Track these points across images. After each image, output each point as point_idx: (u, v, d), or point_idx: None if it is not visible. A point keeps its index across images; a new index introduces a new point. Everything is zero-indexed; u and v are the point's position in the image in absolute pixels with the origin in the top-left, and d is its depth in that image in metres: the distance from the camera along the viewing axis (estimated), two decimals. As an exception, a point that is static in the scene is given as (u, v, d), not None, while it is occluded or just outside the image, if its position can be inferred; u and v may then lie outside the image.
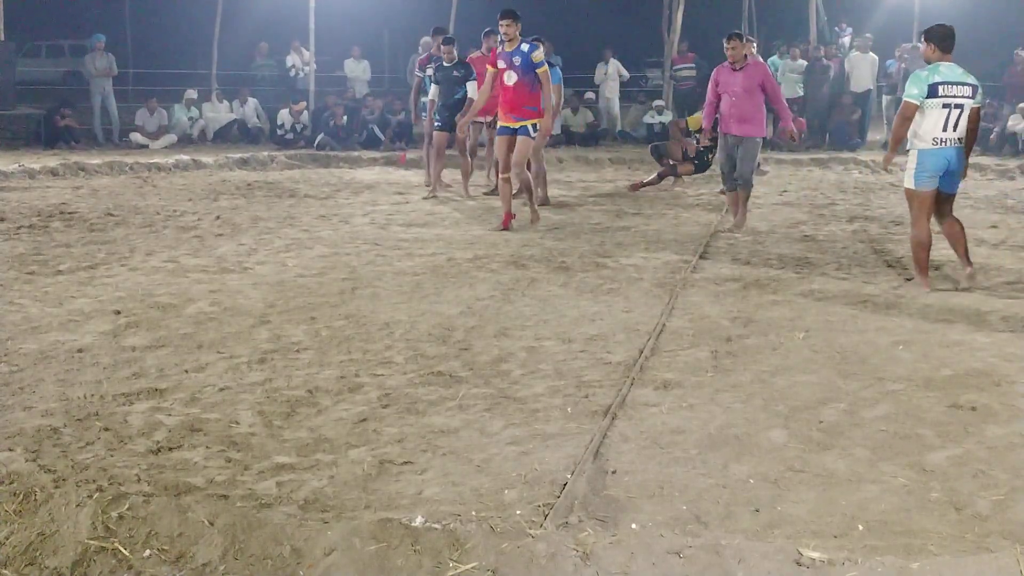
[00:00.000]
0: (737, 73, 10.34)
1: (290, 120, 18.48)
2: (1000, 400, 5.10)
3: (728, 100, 10.36)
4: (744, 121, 10.34)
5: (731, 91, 10.33)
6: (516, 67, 10.09)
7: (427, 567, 3.42)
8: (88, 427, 4.77)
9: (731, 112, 10.37)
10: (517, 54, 10.10)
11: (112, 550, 3.56)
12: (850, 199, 13.14)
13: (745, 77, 10.31)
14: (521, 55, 10.09)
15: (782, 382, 5.42)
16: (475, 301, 7.27)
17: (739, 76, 10.32)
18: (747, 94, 10.29)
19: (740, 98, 10.28)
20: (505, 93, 10.26)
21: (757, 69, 10.45)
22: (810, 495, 4.01)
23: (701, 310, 7.04)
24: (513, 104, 10.23)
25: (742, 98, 10.29)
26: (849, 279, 8.05)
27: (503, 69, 10.19)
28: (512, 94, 10.20)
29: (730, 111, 10.37)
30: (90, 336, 6.32)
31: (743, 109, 10.31)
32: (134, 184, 14.24)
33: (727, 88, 10.36)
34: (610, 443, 4.56)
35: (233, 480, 4.17)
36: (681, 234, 10.27)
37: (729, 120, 10.42)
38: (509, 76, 10.14)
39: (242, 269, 8.38)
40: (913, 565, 3.29)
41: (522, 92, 10.16)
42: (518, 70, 10.09)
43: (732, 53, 10.31)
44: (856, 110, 18.62)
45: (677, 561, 3.37)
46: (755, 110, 10.38)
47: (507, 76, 10.16)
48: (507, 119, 10.33)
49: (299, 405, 5.11)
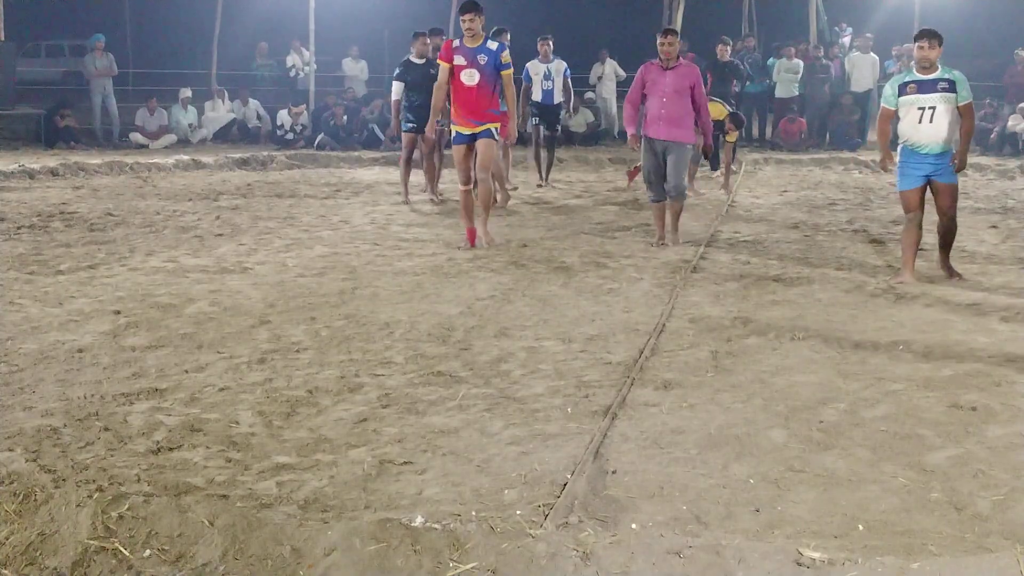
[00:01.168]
0: (668, 72, 9.41)
1: (290, 120, 18.48)
2: (1000, 400, 5.10)
3: (656, 101, 9.45)
4: (673, 125, 9.43)
5: (660, 92, 9.42)
6: (480, 66, 9.08)
7: (427, 567, 3.42)
8: (88, 427, 4.77)
9: (659, 114, 9.44)
10: (483, 52, 9.11)
11: (112, 550, 3.56)
12: (850, 199, 13.14)
13: (676, 77, 9.40)
14: (488, 54, 9.12)
15: (782, 382, 5.42)
16: (475, 301, 7.27)
17: (669, 76, 9.39)
18: (677, 96, 9.40)
19: (670, 99, 9.39)
20: (464, 94, 9.17)
21: (690, 71, 9.54)
22: (810, 495, 4.01)
23: (701, 310, 7.04)
24: (474, 107, 9.16)
25: (672, 100, 9.40)
26: (849, 279, 8.05)
27: (461, 67, 9.11)
28: (473, 96, 9.14)
29: (658, 113, 9.45)
30: (90, 336, 6.32)
31: (673, 112, 9.42)
32: (134, 184, 14.23)
33: (655, 88, 9.45)
34: (610, 443, 4.56)
35: (233, 480, 4.17)
36: (681, 233, 10.26)
37: (656, 123, 9.46)
38: (470, 75, 9.09)
39: (242, 269, 8.38)
40: (913, 565, 3.29)
41: (484, 94, 9.15)
42: (483, 70, 9.09)
43: (667, 50, 9.37)
44: (856, 110, 18.62)
45: (677, 561, 3.37)
46: (685, 114, 9.48)
47: (467, 75, 9.10)
48: (465, 123, 9.22)
49: (299, 405, 5.11)
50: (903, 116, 7.79)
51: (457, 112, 9.27)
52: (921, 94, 7.68)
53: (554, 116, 14.20)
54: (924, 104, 7.66)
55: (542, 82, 13.93)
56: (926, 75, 7.70)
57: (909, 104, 7.71)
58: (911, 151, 7.78)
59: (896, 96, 7.78)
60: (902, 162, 7.85)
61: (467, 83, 9.10)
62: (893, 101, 7.81)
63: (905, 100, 7.73)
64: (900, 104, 7.76)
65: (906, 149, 7.82)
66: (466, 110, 9.19)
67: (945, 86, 7.65)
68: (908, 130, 7.77)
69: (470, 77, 9.08)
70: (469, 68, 9.09)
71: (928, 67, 7.70)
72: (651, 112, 9.49)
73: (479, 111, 9.15)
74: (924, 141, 7.71)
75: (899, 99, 7.75)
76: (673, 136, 9.42)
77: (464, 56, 9.09)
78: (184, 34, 28.14)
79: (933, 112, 7.64)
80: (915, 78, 7.74)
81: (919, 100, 7.68)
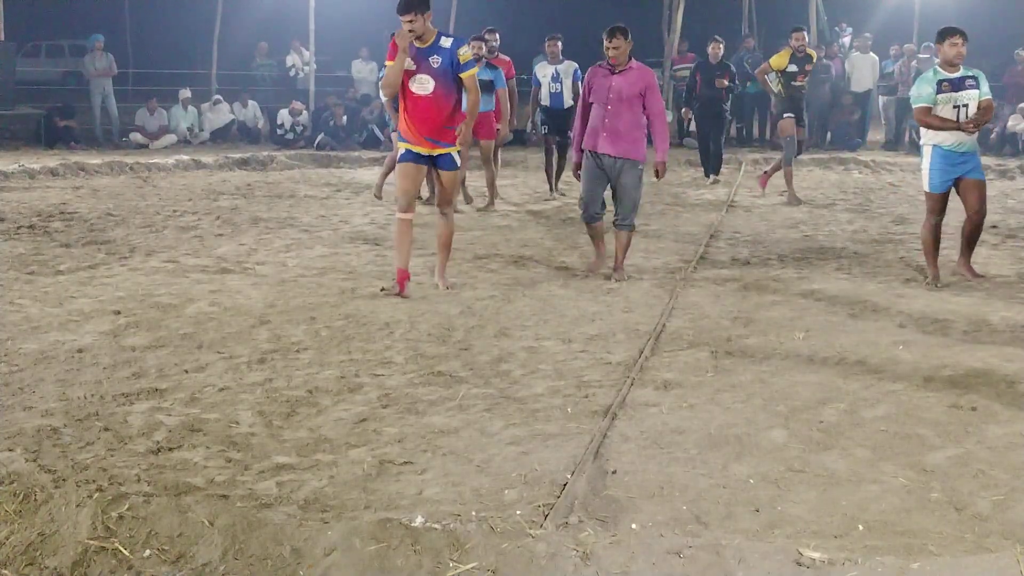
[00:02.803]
0: (615, 77, 7.95)
1: (290, 120, 18.48)
2: (1000, 400, 5.10)
3: (600, 110, 7.98)
4: (619, 138, 7.94)
5: (605, 99, 7.96)
6: (434, 70, 7.19)
7: (427, 567, 3.42)
8: (88, 427, 4.77)
9: (603, 125, 7.95)
10: (435, 52, 7.19)
11: (112, 550, 3.56)
12: (850, 199, 13.13)
13: (625, 83, 7.93)
14: (442, 53, 7.20)
15: (782, 382, 5.42)
16: (475, 301, 7.27)
17: (618, 81, 7.93)
18: (626, 104, 7.92)
19: (616, 108, 7.92)
20: (416, 107, 7.24)
21: (642, 75, 7.99)
22: (810, 495, 4.01)
23: (701, 310, 7.04)
24: (431, 123, 7.26)
25: (619, 108, 7.93)
26: (849, 279, 8.05)
27: (410, 73, 7.20)
28: (428, 108, 7.23)
29: (601, 124, 7.96)
30: (90, 336, 6.32)
31: (619, 123, 7.94)
32: (134, 184, 14.23)
33: (601, 95, 7.99)
34: (610, 443, 4.56)
35: (233, 480, 4.17)
36: (681, 234, 10.27)
37: (598, 136, 7.98)
38: (422, 83, 7.19)
39: (242, 269, 8.38)
40: (913, 565, 3.29)
41: (443, 105, 7.25)
42: (438, 75, 7.20)
43: (615, 53, 7.91)
44: (856, 110, 18.61)
45: (677, 561, 3.37)
46: (634, 125, 7.97)
47: (418, 83, 7.20)
48: (419, 142, 7.31)
49: (299, 405, 5.11)
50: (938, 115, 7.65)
51: (409, 128, 7.33)
52: (955, 92, 7.60)
53: (563, 121, 12.67)
54: (959, 102, 7.59)
55: (550, 84, 12.88)
56: (954, 73, 7.64)
57: (945, 103, 7.59)
58: (945, 151, 7.66)
59: (935, 94, 7.60)
60: (933, 163, 7.72)
61: (418, 92, 7.20)
62: (932, 99, 7.60)
63: (942, 98, 7.59)
64: (937, 103, 7.60)
65: (938, 150, 7.68)
66: (421, 126, 7.28)
67: (972, 83, 7.62)
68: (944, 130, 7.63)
69: (422, 85, 7.19)
70: (420, 74, 7.19)
71: (957, 65, 7.64)
72: (593, 122, 8.04)
73: (437, 128, 7.28)
74: (961, 139, 7.61)
75: (936, 97, 7.59)
76: (619, 151, 7.96)
77: (412, 59, 7.20)
78: (184, 34, 28.16)
79: (966, 110, 7.58)
80: (946, 76, 7.62)
81: (955, 98, 7.60)
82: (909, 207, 12.22)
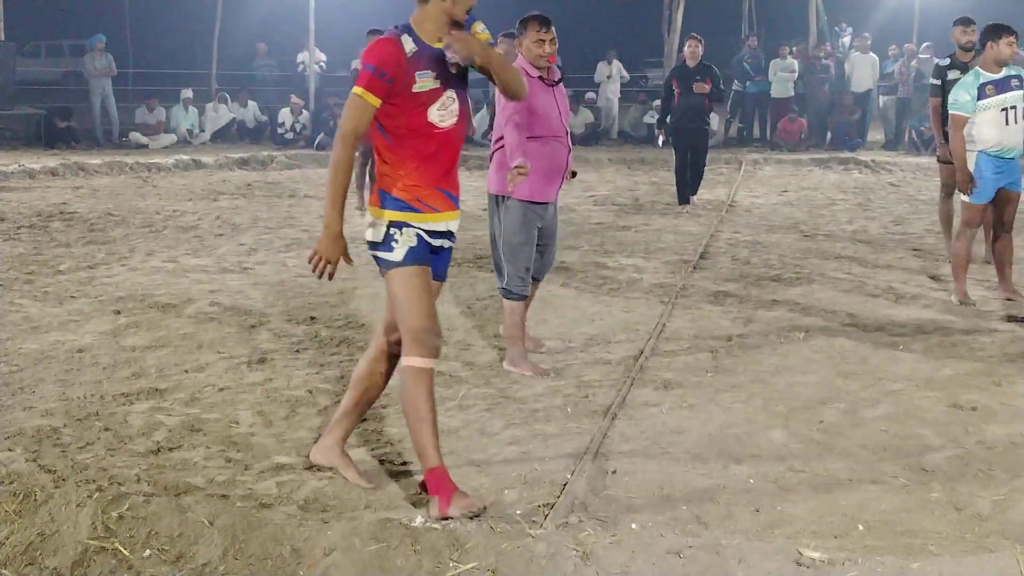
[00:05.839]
0: (556, 91, 5.79)
1: (291, 119, 18.47)
2: (1000, 400, 5.10)
3: (555, 145, 5.70)
4: (557, 176, 5.77)
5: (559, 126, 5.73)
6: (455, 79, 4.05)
7: (427, 567, 3.42)
8: (88, 427, 4.77)
9: (560, 163, 5.75)
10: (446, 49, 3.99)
11: (112, 550, 3.56)
12: (850, 199, 13.13)
13: (564, 98, 5.87)
14: None
15: (782, 382, 5.42)
16: (475, 301, 7.26)
17: (560, 96, 5.82)
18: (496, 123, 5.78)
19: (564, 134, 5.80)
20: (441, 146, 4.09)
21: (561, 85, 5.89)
22: (810, 495, 4.01)
23: (701, 310, 7.04)
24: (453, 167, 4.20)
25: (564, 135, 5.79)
26: (849, 279, 8.04)
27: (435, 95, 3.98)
28: (455, 144, 4.14)
29: (553, 161, 5.70)
30: (90, 336, 6.32)
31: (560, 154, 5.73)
32: (134, 184, 14.23)
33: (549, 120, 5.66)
34: (610, 443, 4.56)
35: (233, 480, 4.17)
36: (681, 234, 10.27)
37: (554, 180, 5.77)
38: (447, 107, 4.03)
39: (242, 269, 8.38)
40: (913, 565, 3.29)
41: (462, 135, 4.19)
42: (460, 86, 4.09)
43: (552, 49, 5.67)
44: (857, 110, 18.62)
45: (677, 561, 3.37)
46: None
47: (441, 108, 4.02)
48: (446, 205, 4.24)
49: (299, 405, 5.11)
50: (983, 120, 7.04)
51: (425, 188, 4.16)
52: (1002, 93, 7.03)
53: None
54: (1007, 104, 7.02)
55: None
56: (998, 73, 7.07)
57: (993, 106, 7.01)
58: (993, 158, 7.08)
59: (975, 100, 7.02)
60: (979, 172, 7.10)
61: (444, 125, 4.05)
62: (971, 107, 7.02)
63: (988, 103, 7.00)
64: (980, 108, 7.01)
65: (985, 157, 7.09)
66: (446, 178, 4.18)
67: (1017, 83, 7.11)
68: (992, 134, 7.04)
69: (448, 111, 4.04)
70: (445, 90, 4.02)
71: (1002, 64, 7.08)
72: (542, 159, 5.60)
73: (456, 171, 4.25)
74: (1012, 143, 7.08)
75: (978, 103, 7.01)
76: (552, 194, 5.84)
77: (429, 66, 3.96)
78: (184, 34, 28.18)
79: (1015, 112, 7.06)
80: (990, 78, 7.05)
81: (1003, 100, 7.01)
82: (909, 207, 12.22)
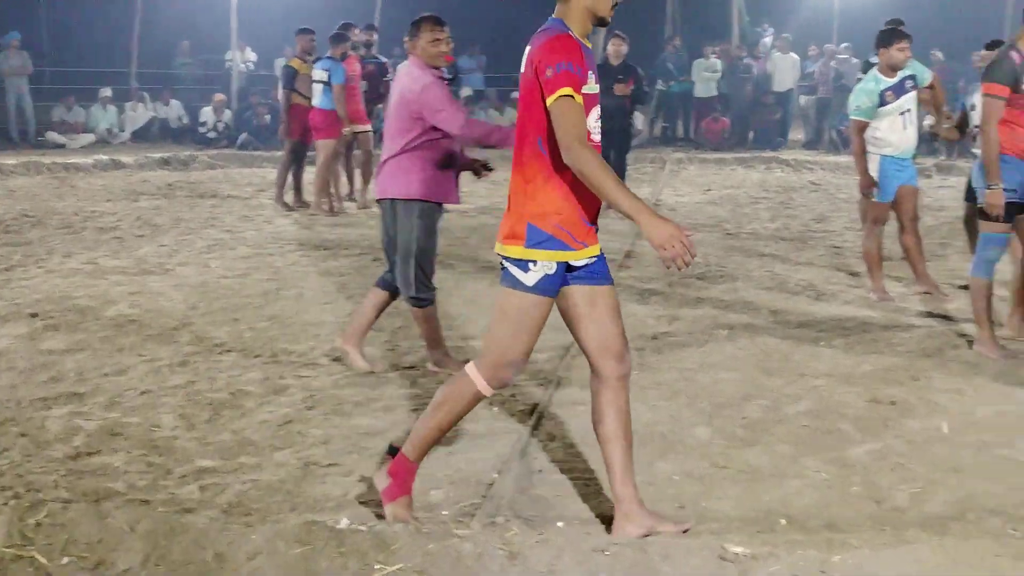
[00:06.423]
0: None
1: (213, 118, 18.24)
2: (918, 395, 5.21)
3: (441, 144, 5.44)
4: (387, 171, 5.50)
5: None
6: None
7: (353, 569, 3.39)
8: (4, 433, 4.66)
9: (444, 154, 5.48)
10: None
11: (29, 558, 3.47)
12: (772, 198, 13.31)
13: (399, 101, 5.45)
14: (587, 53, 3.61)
15: (706, 379, 5.48)
16: (400, 301, 7.21)
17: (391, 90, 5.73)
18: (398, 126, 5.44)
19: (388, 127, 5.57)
20: None
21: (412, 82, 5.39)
22: (734, 491, 4.06)
23: (626, 308, 7.03)
24: None
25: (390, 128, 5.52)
26: (771, 276, 8.15)
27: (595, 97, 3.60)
28: None
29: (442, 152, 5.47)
30: (6, 340, 6.18)
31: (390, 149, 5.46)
32: (51, 184, 13.94)
33: None
34: (536, 442, 4.57)
35: (154, 485, 4.11)
36: (608, 232, 10.26)
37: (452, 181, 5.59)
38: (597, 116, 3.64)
39: (163, 270, 8.25)
40: (834, 558, 3.34)
41: None
42: None
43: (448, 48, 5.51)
44: (778, 110, 18.90)
45: (603, 559, 3.38)
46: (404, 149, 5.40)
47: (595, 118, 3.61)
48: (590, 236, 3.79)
49: (222, 408, 5.05)
50: (883, 126, 7.20)
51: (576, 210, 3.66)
52: (899, 98, 7.20)
53: None
54: (903, 108, 7.21)
55: None
56: (893, 78, 7.21)
57: (892, 112, 7.19)
58: (892, 160, 7.26)
59: (876, 107, 7.16)
60: (883, 174, 7.28)
61: (595, 137, 3.60)
62: (872, 112, 7.17)
63: (887, 109, 7.18)
64: (880, 114, 7.18)
65: (887, 159, 7.26)
66: (591, 201, 3.66)
67: (911, 83, 7.28)
68: (891, 138, 7.22)
69: (597, 120, 3.64)
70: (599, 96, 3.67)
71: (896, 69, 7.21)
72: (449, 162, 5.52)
73: None
74: (908, 146, 7.31)
75: (879, 109, 7.17)
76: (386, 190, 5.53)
77: (591, 66, 3.57)
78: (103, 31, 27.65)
79: (910, 114, 7.26)
80: (888, 83, 7.19)
81: (900, 105, 7.19)
82: (829, 205, 12.43)
